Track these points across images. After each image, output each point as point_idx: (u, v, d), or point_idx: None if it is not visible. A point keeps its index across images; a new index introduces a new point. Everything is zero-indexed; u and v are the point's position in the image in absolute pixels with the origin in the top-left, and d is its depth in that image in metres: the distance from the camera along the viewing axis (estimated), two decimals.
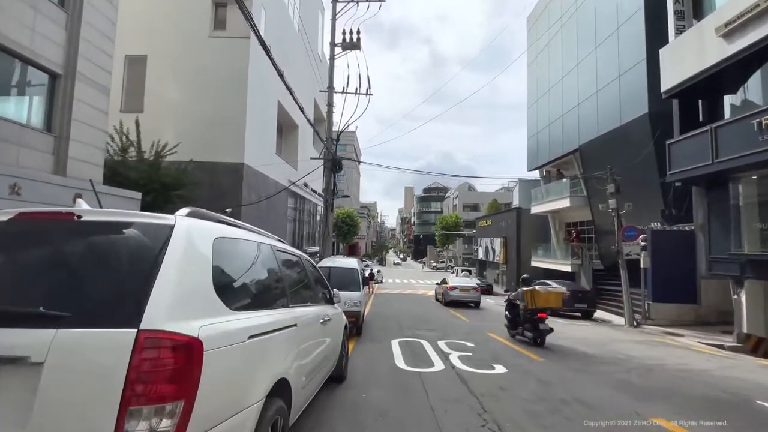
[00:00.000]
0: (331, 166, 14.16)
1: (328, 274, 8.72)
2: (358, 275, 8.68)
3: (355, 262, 9.17)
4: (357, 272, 8.77)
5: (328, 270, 8.82)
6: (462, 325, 11.45)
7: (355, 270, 8.82)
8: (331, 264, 9.06)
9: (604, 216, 19.30)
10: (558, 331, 11.07)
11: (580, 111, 19.90)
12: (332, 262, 9.24)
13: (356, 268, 8.85)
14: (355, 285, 8.50)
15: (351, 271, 8.81)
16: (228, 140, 17.07)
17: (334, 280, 8.51)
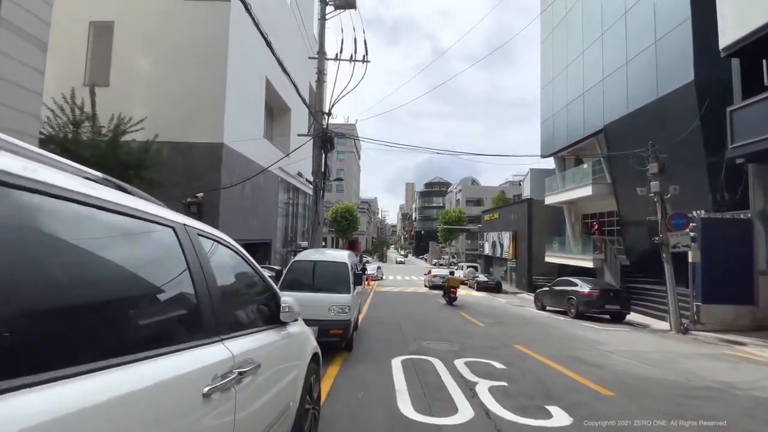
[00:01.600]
0: (321, 143, 12.00)
1: (311, 271, 6.59)
2: (348, 272, 6.54)
3: (345, 255, 7.01)
4: (347, 268, 6.62)
5: (312, 265, 6.68)
6: (479, 332, 9.31)
7: (344, 265, 6.67)
8: (314, 257, 6.92)
9: (633, 205, 17.14)
10: (599, 339, 8.93)
11: (605, 87, 17.66)
12: (315, 255, 7.09)
13: (346, 263, 6.70)
14: (343, 285, 6.37)
15: (339, 267, 6.67)
16: (205, 117, 14.87)
17: (317, 280, 6.38)
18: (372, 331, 8.62)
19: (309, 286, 6.33)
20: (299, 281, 6.43)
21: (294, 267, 6.61)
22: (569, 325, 11.72)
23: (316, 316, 5.85)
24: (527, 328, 10.44)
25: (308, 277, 6.51)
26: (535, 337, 9.09)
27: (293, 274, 6.52)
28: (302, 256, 6.93)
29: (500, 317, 12.69)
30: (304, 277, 6.54)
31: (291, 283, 6.35)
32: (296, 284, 6.35)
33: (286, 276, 6.44)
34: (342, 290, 6.27)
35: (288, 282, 6.36)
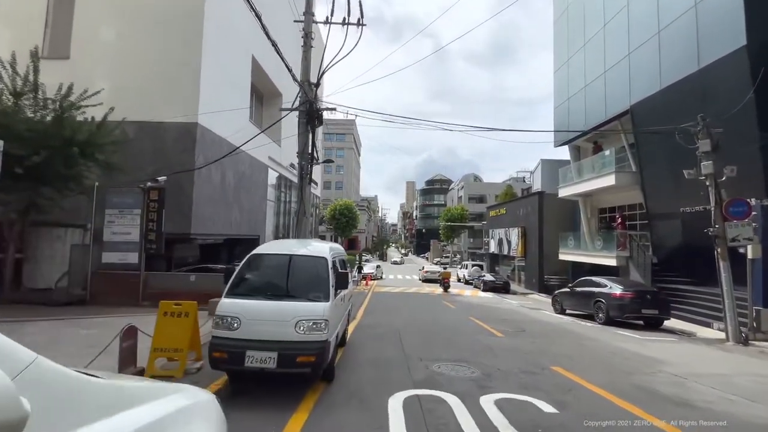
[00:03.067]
0: (307, 118, 10.06)
1: (275, 269, 4.66)
2: (328, 271, 4.58)
3: (325, 248, 5.05)
4: (326, 265, 4.68)
5: (277, 260, 4.75)
6: (500, 346, 7.37)
7: (323, 261, 4.72)
8: (280, 250, 4.97)
9: (663, 195, 15.19)
10: (652, 355, 6.97)
11: (631, 62, 15.69)
12: (283, 247, 5.14)
13: (325, 258, 4.75)
14: (319, 288, 4.45)
15: (315, 264, 4.73)
16: (178, 93, 12.92)
17: (281, 281, 4.46)
18: (364, 348, 6.68)
19: (270, 290, 4.40)
20: (256, 283, 4.52)
21: (251, 263, 4.68)
22: (602, 333, 9.79)
23: (275, 335, 3.95)
24: (556, 340, 8.51)
25: (270, 278, 4.58)
26: (571, 352, 7.17)
27: (248, 273, 4.60)
28: (265, 248, 4.98)
29: (518, 324, 10.76)
30: (263, 277, 4.62)
31: (243, 286, 4.43)
32: (251, 287, 4.44)
33: (239, 275, 4.51)
34: (317, 296, 4.34)
35: (239, 284, 4.43)
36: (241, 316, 4.01)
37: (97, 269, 10.16)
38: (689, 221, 14.09)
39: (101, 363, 4.47)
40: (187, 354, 4.87)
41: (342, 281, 4.73)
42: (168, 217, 11.95)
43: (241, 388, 4.35)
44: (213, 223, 14.10)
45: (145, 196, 9.98)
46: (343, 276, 4.75)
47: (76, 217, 10.89)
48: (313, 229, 29.69)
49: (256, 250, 4.86)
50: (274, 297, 4.25)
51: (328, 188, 73.08)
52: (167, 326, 4.90)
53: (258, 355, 3.85)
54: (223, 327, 4.02)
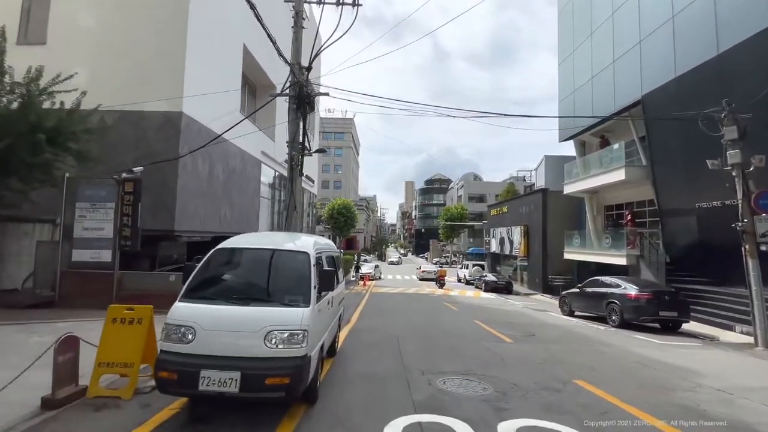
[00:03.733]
0: (297, 103, 9.22)
1: (244, 266, 3.82)
2: (310, 269, 3.73)
3: (308, 243, 4.19)
4: (307, 262, 3.81)
5: (247, 256, 3.90)
6: (512, 354, 6.53)
7: (303, 257, 3.86)
8: (250, 243, 4.11)
9: (676, 190, 14.37)
10: (681, 365, 6.11)
11: (642, 50, 14.88)
12: (255, 240, 4.27)
13: (306, 254, 3.88)
14: (297, 290, 3.60)
15: (293, 261, 3.86)
16: (161, 82, 12.04)
17: (251, 281, 3.61)
18: (358, 358, 5.84)
19: (236, 292, 3.56)
20: (219, 284, 3.67)
21: (215, 259, 3.83)
22: (618, 338, 8.97)
23: (240, 349, 3.12)
24: (571, 346, 7.68)
25: (237, 277, 3.74)
26: (591, 361, 6.34)
27: (211, 271, 3.75)
28: (234, 241, 4.12)
29: (526, 327, 9.93)
30: (229, 276, 3.78)
31: (204, 287, 3.58)
32: (213, 289, 3.59)
33: (199, 274, 3.66)
34: (295, 300, 3.50)
35: (199, 285, 3.58)
36: (197, 325, 3.17)
37: (68, 268, 9.29)
38: (705, 217, 13.28)
39: (35, 379, 3.63)
40: (139, 369, 4.02)
41: (327, 281, 3.88)
42: (150, 213, 11.08)
43: (203, 413, 3.51)
44: (200, 220, 13.23)
45: (119, 189, 9.12)
46: (328, 275, 3.90)
47: (46, 212, 10.04)
48: (310, 228, 28.82)
49: (223, 243, 4.01)
50: (240, 301, 3.39)
51: (326, 187, 72.27)
52: (116, 336, 4.05)
53: (216, 376, 3.01)
54: (174, 339, 3.18)
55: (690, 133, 13.22)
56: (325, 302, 4.04)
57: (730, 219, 12.59)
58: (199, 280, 3.62)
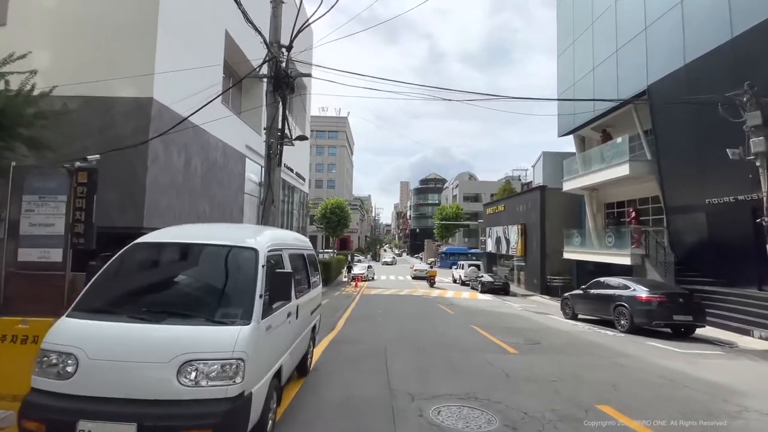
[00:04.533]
0: (274, 84, 8.22)
1: (162, 269, 2.80)
2: (256, 272, 2.70)
3: (260, 236, 3.15)
4: (251, 262, 2.78)
5: (167, 253, 2.91)
6: (519, 370, 5.59)
7: (248, 255, 2.83)
8: (176, 237, 3.06)
9: (684, 185, 13.54)
10: (716, 381, 5.12)
11: (648, 37, 14.07)
12: (184, 233, 3.18)
13: (252, 250, 2.85)
14: (234, 301, 2.61)
15: (232, 260, 2.84)
16: (130, 64, 10.96)
17: (169, 290, 2.57)
18: (335, 378, 4.85)
19: (148, 303, 2.56)
20: (126, 292, 2.68)
21: (129, 258, 2.83)
22: (632, 346, 8.09)
23: (139, 390, 2.13)
24: (583, 357, 6.76)
25: (151, 283, 2.74)
26: (611, 377, 5.41)
27: (121, 275, 2.75)
28: (157, 235, 3.11)
29: (529, 334, 9.01)
30: (141, 281, 2.78)
31: (105, 297, 2.59)
32: (117, 300, 2.60)
33: (101, 279, 2.67)
34: (230, 314, 2.52)
35: (99, 293, 2.59)
36: (82, 352, 2.19)
37: (15, 269, 8.20)
38: (716, 214, 12.48)
39: None
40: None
41: (281, 288, 2.89)
42: (117, 209, 10.03)
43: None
44: (174, 217, 12.15)
45: (72, 179, 8.05)
46: (281, 280, 2.89)
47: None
48: (301, 228, 27.74)
49: (144, 237, 3.02)
50: (152, 316, 2.41)
51: (319, 187, 71.19)
52: (5, 358, 3.05)
53: (101, 430, 2.01)
54: (49, 372, 2.20)
55: (700, 124, 12.44)
56: (282, 315, 3.06)
57: (743, 215, 11.83)
58: (101, 286, 2.62)
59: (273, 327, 2.79)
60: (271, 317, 2.75)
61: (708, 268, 13.03)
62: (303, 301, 3.97)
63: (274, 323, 2.81)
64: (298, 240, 4.49)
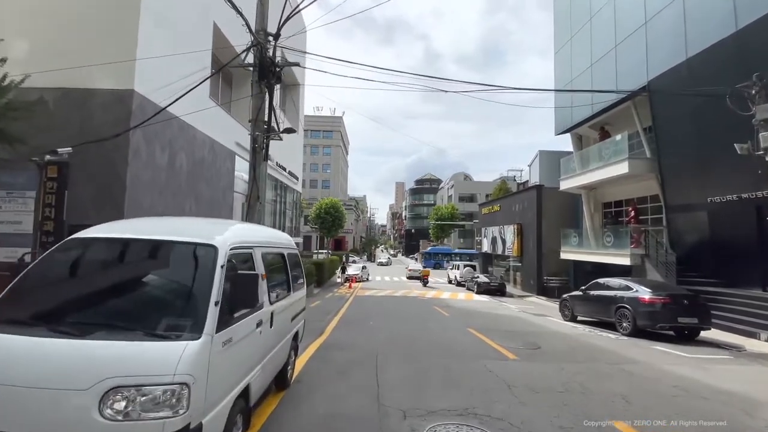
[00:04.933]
0: (259, 73, 7.74)
1: (92, 271, 2.28)
2: (212, 274, 2.21)
3: (224, 232, 2.64)
4: (208, 262, 2.30)
5: (100, 252, 2.40)
6: (519, 377, 5.15)
7: (205, 253, 2.34)
8: (127, 233, 2.53)
9: (686, 184, 13.22)
10: (734, 390, 4.77)
11: (648, 31, 13.75)
12: (131, 230, 2.61)
13: (209, 248, 2.34)
14: (182, 311, 2.14)
15: (183, 260, 2.35)
16: (109, 55, 10.37)
17: (98, 297, 2.04)
18: (317, 393, 4.36)
19: (73, 313, 2.08)
20: (51, 298, 2.19)
21: (58, 257, 2.35)
22: (637, 351, 7.70)
23: (50, 426, 1.61)
24: (590, 366, 6.32)
25: (83, 287, 2.25)
26: (622, 387, 4.99)
27: (47, 276, 2.27)
28: (99, 229, 2.60)
29: (529, 337, 8.59)
30: (71, 285, 2.28)
31: (24, 303, 2.10)
32: (38, 306, 2.11)
33: (23, 281, 2.18)
34: (175, 327, 2.04)
35: (18, 298, 2.10)
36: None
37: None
38: (718, 212, 12.18)
39: None
40: None
41: (245, 293, 2.40)
42: (94, 207, 9.48)
43: None
44: (158, 215, 11.60)
45: (41, 174, 7.51)
46: (246, 283, 2.41)
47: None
48: (295, 229, 27.15)
49: (83, 231, 2.52)
50: (74, 330, 1.92)
51: (314, 187, 70.61)
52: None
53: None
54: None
55: (702, 120, 12.12)
56: (249, 325, 2.59)
57: (747, 214, 11.52)
58: (22, 291, 2.14)
59: (235, 340, 2.32)
60: (231, 329, 2.27)
61: (709, 268, 12.71)
62: (280, 307, 3.49)
63: (236, 335, 2.34)
64: (276, 237, 4.01)
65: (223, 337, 2.17)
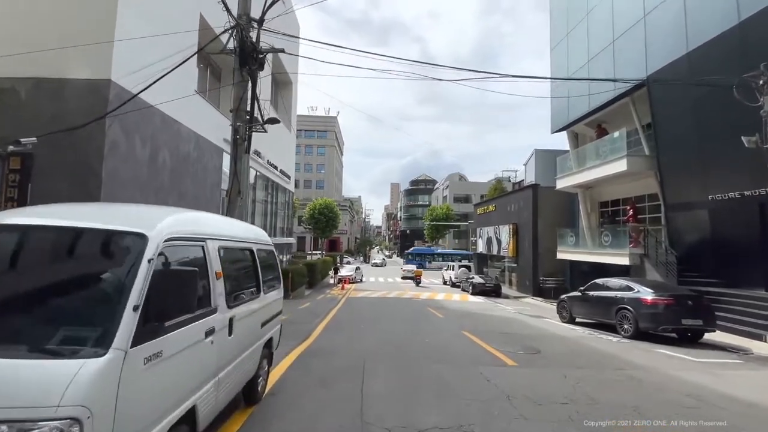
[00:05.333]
0: (240, 59, 7.24)
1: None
2: (131, 273, 1.69)
3: (160, 219, 2.11)
4: (132, 256, 1.80)
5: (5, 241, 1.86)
6: (518, 387, 4.69)
7: (127, 243, 1.85)
8: (28, 219, 1.98)
9: (686, 181, 12.89)
10: (742, 397, 4.34)
11: (647, 25, 13.42)
12: (35, 216, 2.04)
13: (136, 236, 1.84)
14: (90, 320, 1.65)
15: (98, 252, 1.86)
16: (84, 41, 9.78)
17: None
18: (292, 408, 3.85)
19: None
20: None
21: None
22: (643, 355, 7.28)
23: None
24: (593, 372, 5.87)
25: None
26: (631, 398, 4.55)
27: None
28: (4, 215, 2.10)
29: (526, 341, 8.15)
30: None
31: None
32: None
33: None
34: (69, 341, 1.55)
35: None
36: None
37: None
38: (719, 211, 11.85)
39: None
40: None
41: (182, 295, 1.90)
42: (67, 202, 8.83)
43: None
44: None
45: (3, 166, 6.95)
46: (180, 282, 1.90)
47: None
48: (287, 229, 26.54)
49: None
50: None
51: (308, 187, 69.93)
52: None
53: None
54: None
55: (703, 116, 11.79)
56: (191, 334, 2.09)
57: (750, 212, 11.20)
58: None
59: (168, 354, 1.83)
60: (160, 341, 1.78)
61: (710, 268, 12.37)
62: (245, 312, 2.99)
63: (170, 348, 1.85)
64: (244, 231, 3.50)
65: (146, 352, 1.68)
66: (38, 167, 8.82)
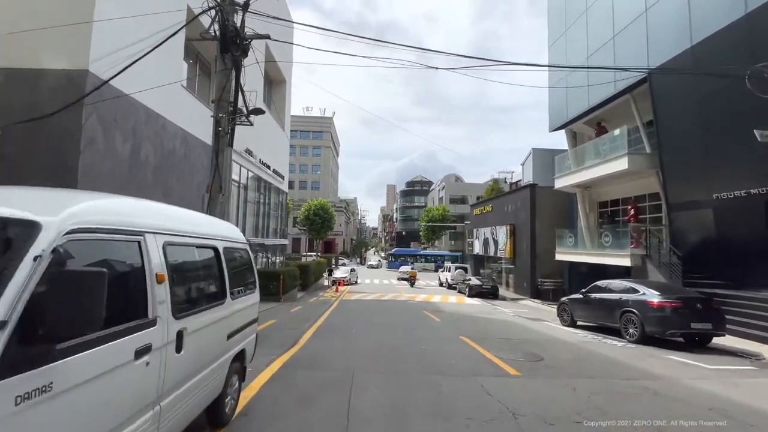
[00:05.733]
0: (221, 46, 6.73)
1: None
2: (8, 271, 1.20)
3: (75, 209, 1.58)
4: (10, 254, 1.28)
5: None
6: (524, 402, 4.21)
7: (17, 232, 1.37)
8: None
9: (690, 180, 12.50)
10: (761, 413, 3.87)
11: (649, 19, 13.06)
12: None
13: (21, 224, 1.37)
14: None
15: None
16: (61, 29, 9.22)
17: None
18: (271, 428, 3.34)
19: None
20: None
21: None
22: (654, 362, 6.83)
23: None
24: (604, 382, 5.41)
25: None
26: (651, 412, 4.08)
27: None
28: None
29: (528, 346, 7.68)
30: None
31: None
32: None
33: None
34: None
35: None
36: None
37: None
38: (724, 210, 11.46)
39: None
40: None
41: (83, 306, 1.38)
42: None
43: None
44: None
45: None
46: (82, 288, 1.36)
47: None
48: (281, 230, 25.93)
49: None
50: None
51: (303, 188, 69.31)
52: None
53: None
54: None
55: (708, 112, 11.40)
56: (111, 356, 1.57)
57: (757, 210, 10.83)
58: None
59: (61, 389, 1.32)
60: (44, 370, 1.27)
61: (715, 269, 11.97)
62: (202, 322, 2.48)
63: (64, 380, 1.34)
64: (204, 225, 2.97)
65: (19, 388, 1.17)
66: (9, 163, 8.27)
